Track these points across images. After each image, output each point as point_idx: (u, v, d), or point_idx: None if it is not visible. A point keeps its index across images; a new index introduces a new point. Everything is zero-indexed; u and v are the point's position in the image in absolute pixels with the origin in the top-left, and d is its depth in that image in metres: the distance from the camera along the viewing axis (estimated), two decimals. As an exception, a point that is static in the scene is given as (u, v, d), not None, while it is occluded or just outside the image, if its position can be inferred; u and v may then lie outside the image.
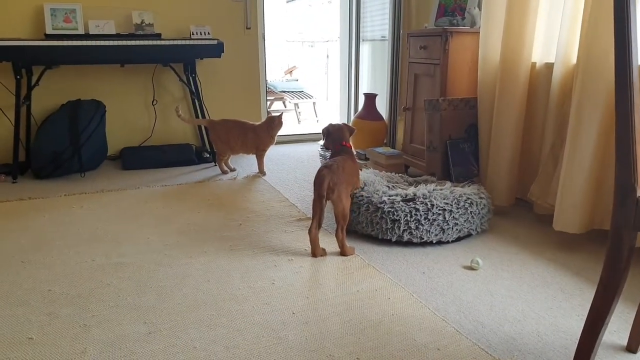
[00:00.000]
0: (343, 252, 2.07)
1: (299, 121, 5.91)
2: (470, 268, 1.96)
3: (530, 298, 1.74)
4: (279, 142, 4.27)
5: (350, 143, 2.31)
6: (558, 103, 2.29)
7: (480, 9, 2.89)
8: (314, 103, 6.11)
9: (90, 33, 3.36)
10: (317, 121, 5.94)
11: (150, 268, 1.95)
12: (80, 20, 3.36)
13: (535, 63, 2.46)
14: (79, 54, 3.16)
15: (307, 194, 2.89)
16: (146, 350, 1.44)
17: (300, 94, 6.15)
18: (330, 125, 2.35)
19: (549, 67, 2.39)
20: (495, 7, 2.49)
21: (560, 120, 2.28)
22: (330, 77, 8.07)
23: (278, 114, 3.29)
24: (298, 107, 6.07)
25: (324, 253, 2.07)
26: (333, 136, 2.32)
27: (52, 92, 3.52)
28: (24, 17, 3.36)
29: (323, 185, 1.98)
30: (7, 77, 3.36)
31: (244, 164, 3.64)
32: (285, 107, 6.93)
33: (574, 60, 2.20)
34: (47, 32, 3.28)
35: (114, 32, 3.42)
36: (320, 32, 8.79)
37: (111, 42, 3.21)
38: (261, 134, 3.22)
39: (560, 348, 1.46)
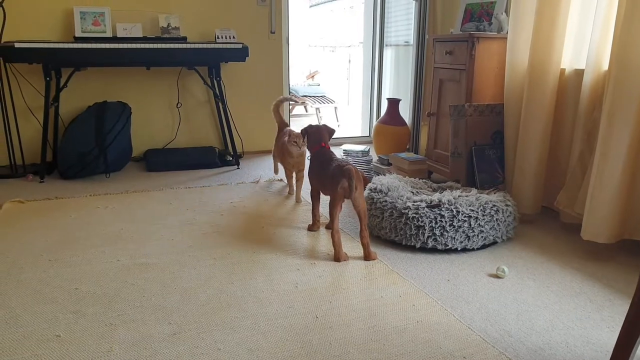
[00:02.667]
0: (367, 254, 2.05)
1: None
2: (496, 276, 1.93)
3: (558, 308, 1.70)
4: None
5: (329, 144, 2.29)
6: (588, 110, 2.25)
7: (507, 15, 2.86)
8: (335, 108, 6.11)
9: (118, 36, 3.42)
10: (339, 126, 5.94)
11: (174, 269, 1.96)
12: (109, 23, 3.42)
13: (565, 69, 2.42)
14: (107, 56, 3.22)
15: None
16: (171, 351, 1.44)
17: (321, 98, 6.16)
18: (310, 126, 2.33)
19: (579, 73, 2.34)
20: (524, 12, 2.46)
21: (589, 128, 2.24)
22: (352, 82, 8.08)
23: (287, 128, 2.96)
24: (319, 112, 6.08)
25: (346, 257, 2.06)
26: (312, 137, 2.30)
27: (80, 93, 3.59)
28: (54, 20, 3.44)
29: (350, 183, 1.96)
30: (36, 78, 3.44)
31: (266, 167, 3.66)
32: (306, 111, 6.95)
33: (605, 66, 2.16)
34: (77, 35, 3.35)
35: (140, 35, 3.47)
36: (341, 37, 8.81)
37: (138, 45, 3.26)
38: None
39: (591, 361, 1.43)
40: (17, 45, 3.03)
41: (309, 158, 2.34)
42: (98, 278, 1.88)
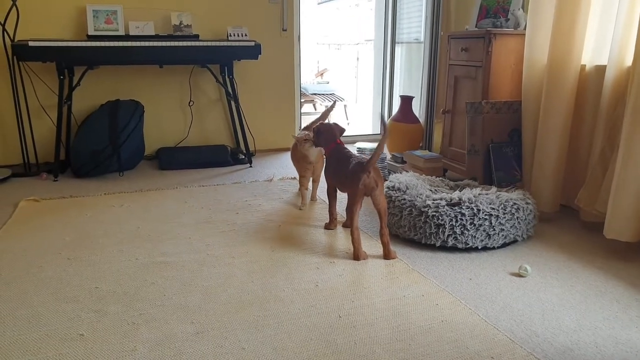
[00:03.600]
0: (387, 253, 2.03)
1: (329, 123, 5.89)
2: (519, 275, 1.90)
3: (584, 308, 1.68)
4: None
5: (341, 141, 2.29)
6: (609, 107, 2.21)
7: (524, 10, 2.83)
8: (345, 106, 6.09)
9: (131, 34, 3.42)
10: (348, 124, 5.92)
11: (193, 268, 1.95)
12: (121, 21, 3.42)
13: (585, 65, 2.39)
14: (120, 54, 3.21)
15: (345, 195, 2.87)
16: (195, 351, 1.43)
17: (331, 96, 6.13)
18: (321, 124, 2.31)
19: (600, 69, 2.31)
20: (543, 7, 2.43)
21: (611, 125, 2.21)
22: (360, 80, 8.04)
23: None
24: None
25: (366, 256, 2.05)
26: (325, 135, 2.27)
27: (92, 92, 3.58)
28: (67, 18, 3.43)
29: (372, 180, 1.96)
30: (50, 77, 3.44)
31: (279, 165, 3.64)
32: (315, 109, 6.93)
33: (628, 62, 2.12)
34: (89, 33, 3.35)
35: (153, 33, 3.47)
36: (347, 35, 8.76)
37: (150, 43, 3.25)
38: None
39: (621, 361, 1.40)
40: (31, 43, 3.03)
41: (325, 156, 2.32)
42: (118, 277, 1.87)
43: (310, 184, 2.85)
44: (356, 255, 2.03)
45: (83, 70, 3.34)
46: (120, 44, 3.20)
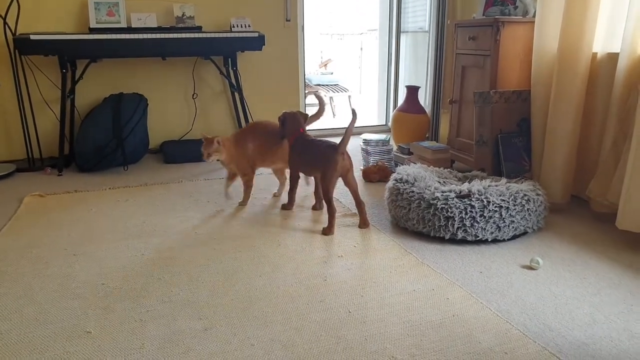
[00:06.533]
0: (364, 221, 2.26)
1: (334, 115, 5.85)
2: (530, 267, 1.88)
3: (598, 301, 1.65)
4: (315, 136, 4.22)
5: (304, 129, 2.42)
6: (622, 96, 2.17)
7: (533, -3, 2.77)
8: (349, 97, 6.04)
9: (133, 26, 3.38)
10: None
11: (200, 262, 1.93)
12: (123, 13, 3.37)
13: (597, 53, 2.34)
14: (122, 47, 3.18)
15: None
16: (204, 348, 1.41)
17: (335, 87, 6.08)
18: (285, 113, 2.40)
19: (613, 57, 2.26)
20: (553, -6, 2.38)
21: (623, 114, 2.16)
22: (364, 70, 7.97)
23: None
24: (333, 101, 6.01)
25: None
26: (290, 124, 2.37)
27: (95, 85, 3.55)
28: (69, 11, 3.39)
29: (346, 162, 2.19)
30: (52, 70, 3.41)
31: (284, 157, 3.61)
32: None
33: (641, 49, 2.08)
34: (91, 26, 3.31)
35: (155, 25, 3.42)
36: (350, 25, 8.67)
37: (153, 35, 3.21)
38: None
39: (638, 355, 1.37)
40: (32, 37, 3.00)
41: (289, 145, 2.40)
42: (124, 272, 1.85)
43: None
44: (330, 230, 2.19)
45: (86, 64, 3.31)
46: (122, 36, 3.16)
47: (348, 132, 2.16)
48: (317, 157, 2.22)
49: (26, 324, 1.52)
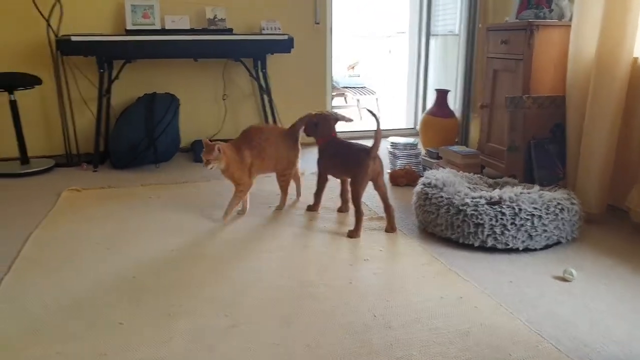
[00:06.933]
0: (392, 225, 2.25)
1: (360, 117, 5.84)
2: (563, 279, 1.82)
3: (636, 318, 1.58)
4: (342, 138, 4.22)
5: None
6: (663, 102, 2.09)
7: (570, 0, 2.70)
8: (376, 99, 6.01)
9: (166, 28, 3.45)
10: (379, 117, 5.84)
11: (228, 261, 1.95)
12: (158, 15, 3.45)
13: (638, 58, 2.26)
14: (157, 48, 3.25)
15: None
16: (229, 344, 1.43)
17: (362, 89, 6.07)
18: (319, 115, 2.39)
19: (654, 62, 2.18)
20: (592, -3, 2.31)
21: (664, 121, 2.08)
22: (392, 73, 7.93)
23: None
24: (360, 103, 6.00)
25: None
26: (322, 127, 2.37)
27: (130, 85, 3.64)
28: (107, 13, 3.49)
29: (377, 166, 2.19)
30: (90, 71, 3.52)
31: (310, 159, 3.62)
32: (346, 102, 6.88)
33: (686, 55, 2.00)
34: (128, 28, 3.39)
35: (188, 27, 3.49)
36: (379, 27, 8.64)
37: (186, 37, 3.28)
38: None
39: (676, 374, 1.32)
40: (73, 38, 3.09)
41: (319, 148, 2.40)
42: (155, 268, 1.89)
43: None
44: (357, 233, 2.18)
45: (122, 64, 3.39)
46: (157, 38, 3.23)
47: (378, 136, 2.16)
48: (348, 160, 2.23)
49: (62, 314, 1.57)
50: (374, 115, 2.22)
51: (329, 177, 2.46)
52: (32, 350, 1.40)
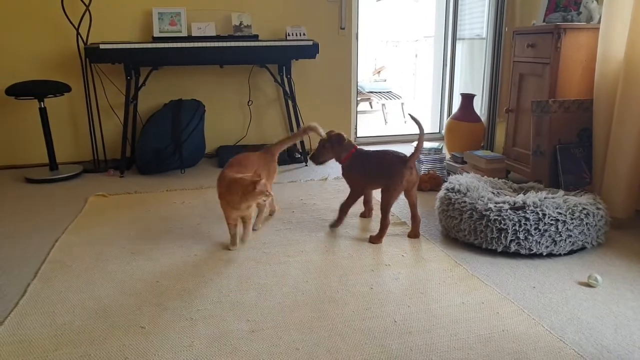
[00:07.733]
0: (417, 232, 2.25)
1: (386, 122, 5.82)
2: (588, 285, 1.78)
3: (663, 324, 1.54)
4: (367, 143, 4.22)
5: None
6: (695, 105, 2.03)
7: (598, 3, 2.65)
8: (402, 104, 5.99)
9: (193, 35, 3.52)
10: (405, 122, 5.82)
11: (250, 265, 1.98)
12: (184, 23, 3.53)
13: (668, 60, 2.20)
14: (183, 55, 3.32)
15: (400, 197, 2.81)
16: (250, 349, 1.45)
17: (388, 94, 6.05)
18: (330, 134, 2.31)
19: (685, 64, 2.12)
20: (620, -1, 2.26)
21: (697, 124, 2.02)
22: (418, 77, 7.88)
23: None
24: (385, 108, 5.98)
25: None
26: (337, 146, 2.28)
27: (156, 92, 3.73)
28: (134, 21, 3.59)
29: (413, 176, 2.16)
30: (118, 78, 3.62)
31: (334, 164, 3.63)
32: (371, 107, 6.87)
33: None
34: (155, 35, 3.48)
35: (214, 34, 3.55)
36: (405, 32, 8.60)
37: (212, 44, 3.34)
38: None
39: None
40: (101, 46, 3.19)
41: (343, 166, 2.30)
42: (178, 272, 1.93)
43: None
44: (379, 240, 2.19)
45: (148, 71, 3.48)
46: (184, 45, 3.30)
47: (419, 145, 2.11)
48: (382, 169, 2.15)
49: (87, 317, 1.62)
50: (417, 122, 2.13)
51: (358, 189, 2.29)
52: (59, 352, 1.45)
